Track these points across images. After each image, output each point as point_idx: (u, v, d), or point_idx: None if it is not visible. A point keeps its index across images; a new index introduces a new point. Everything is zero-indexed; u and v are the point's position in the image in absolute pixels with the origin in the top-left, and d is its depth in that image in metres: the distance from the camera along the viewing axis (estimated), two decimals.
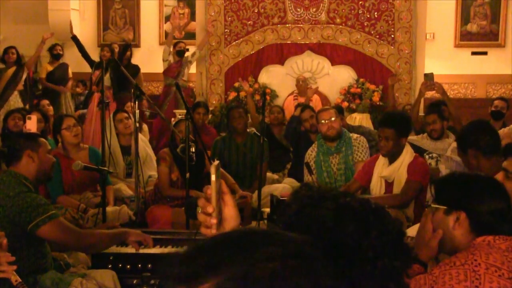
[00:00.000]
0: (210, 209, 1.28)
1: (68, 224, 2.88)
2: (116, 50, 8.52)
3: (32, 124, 5.06)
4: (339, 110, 6.11)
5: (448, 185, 2.04)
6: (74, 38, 8.27)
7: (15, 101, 7.61)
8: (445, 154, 4.78)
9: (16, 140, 3.08)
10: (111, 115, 5.37)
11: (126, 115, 5.37)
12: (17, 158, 2.98)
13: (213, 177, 1.26)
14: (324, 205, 1.15)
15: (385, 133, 3.98)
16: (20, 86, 7.81)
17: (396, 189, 3.98)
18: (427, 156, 4.96)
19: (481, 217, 1.91)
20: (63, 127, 4.62)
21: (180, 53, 8.15)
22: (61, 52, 8.75)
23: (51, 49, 8.71)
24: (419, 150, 4.99)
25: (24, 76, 7.91)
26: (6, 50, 7.91)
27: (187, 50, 8.44)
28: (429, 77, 5.57)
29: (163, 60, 8.23)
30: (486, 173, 3.02)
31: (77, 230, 2.87)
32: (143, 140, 5.63)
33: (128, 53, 8.52)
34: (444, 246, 2.01)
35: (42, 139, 3.15)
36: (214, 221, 1.28)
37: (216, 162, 1.32)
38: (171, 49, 8.26)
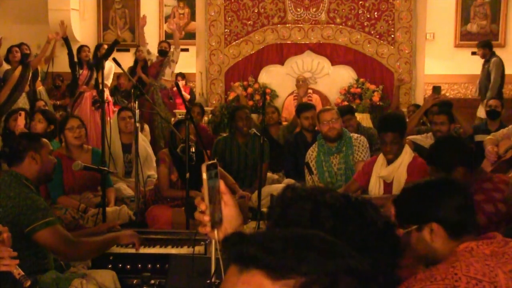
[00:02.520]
0: (203, 207, 1.34)
1: (64, 232, 2.86)
2: (103, 51, 8.47)
3: (21, 120, 5.10)
4: (351, 110, 6.07)
5: (407, 203, 2.00)
6: (66, 39, 8.23)
7: (23, 102, 7.56)
8: None
9: (19, 140, 3.08)
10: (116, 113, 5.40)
11: (130, 114, 5.35)
12: (19, 159, 2.98)
13: (204, 176, 1.31)
14: (302, 205, 1.15)
15: (389, 137, 3.97)
16: (27, 87, 7.77)
17: (396, 189, 3.98)
18: None
19: (451, 219, 1.90)
20: (67, 127, 4.60)
21: (162, 53, 8.13)
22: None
23: None
24: (421, 150, 4.99)
25: (30, 75, 7.85)
26: (10, 49, 7.80)
27: (169, 49, 8.38)
28: (437, 90, 5.63)
29: (147, 60, 8.24)
30: (475, 179, 3.00)
31: (72, 240, 2.84)
32: (144, 140, 5.64)
33: (144, 55, 8.45)
34: (429, 262, 1.94)
35: (44, 140, 3.14)
36: (206, 218, 1.33)
37: (210, 162, 1.35)
38: (148, 48, 8.24)
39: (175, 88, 8.38)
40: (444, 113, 5.08)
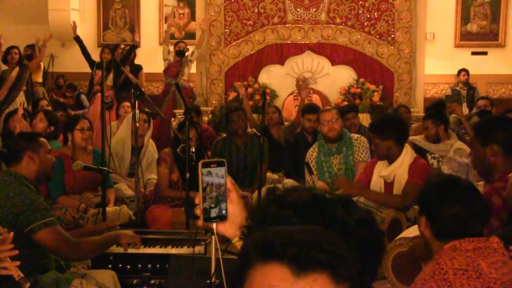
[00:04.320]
0: (197, 200, 1.40)
1: (64, 233, 2.86)
2: (120, 51, 8.53)
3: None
4: (354, 108, 6.06)
5: (424, 187, 2.13)
6: (77, 39, 8.27)
7: (21, 101, 7.56)
8: (448, 155, 4.79)
9: (17, 140, 3.07)
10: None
11: (145, 117, 5.34)
12: (17, 159, 2.98)
13: (199, 172, 1.39)
14: (267, 208, 1.12)
15: (374, 139, 4.01)
16: (24, 87, 7.78)
17: (397, 190, 3.97)
18: (429, 156, 4.95)
19: (440, 222, 1.96)
20: (77, 127, 4.60)
21: (180, 53, 8.14)
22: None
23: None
24: (421, 150, 4.99)
25: (27, 76, 7.87)
26: (9, 50, 7.80)
27: (187, 50, 8.43)
28: (449, 99, 5.73)
29: (164, 59, 8.22)
30: (500, 170, 2.99)
31: (72, 241, 2.85)
32: (153, 145, 5.63)
33: (131, 54, 8.52)
34: (424, 247, 2.09)
35: (42, 139, 3.14)
36: (198, 211, 1.39)
37: (218, 159, 1.42)
38: (170, 48, 8.25)
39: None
40: (429, 118, 5.08)
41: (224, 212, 1.40)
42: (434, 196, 2.01)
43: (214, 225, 1.41)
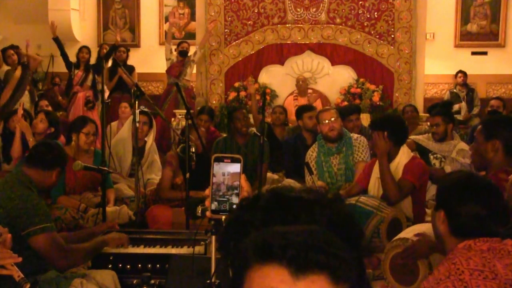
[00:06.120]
0: (207, 192, 1.49)
1: (59, 240, 2.86)
2: (104, 51, 8.54)
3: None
4: (357, 110, 6.04)
5: (442, 183, 2.13)
6: (56, 40, 8.26)
7: (26, 101, 7.56)
8: (450, 155, 4.78)
9: (59, 153, 3.15)
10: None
11: (146, 120, 5.33)
12: (39, 167, 3.01)
13: (211, 165, 1.47)
14: (243, 217, 1.11)
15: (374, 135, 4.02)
16: (28, 86, 7.78)
17: None
18: (431, 157, 4.94)
19: (459, 219, 1.95)
20: (83, 130, 4.60)
21: (183, 53, 8.14)
22: None
23: None
24: (424, 150, 4.98)
25: (31, 76, 7.86)
26: (5, 51, 7.78)
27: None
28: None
29: (166, 59, 8.20)
30: (495, 167, 2.99)
31: (66, 248, 2.85)
32: (153, 147, 5.63)
33: (125, 55, 8.52)
34: (436, 243, 2.10)
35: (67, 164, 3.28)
36: (207, 203, 1.46)
37: (235, 156, 1.52)
38: (172, 47, 8.25)
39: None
40: (439, 114, 5.01)
41: (234, 206, 1.47)
42: (455, 192, 1.99)
43: (223, 218, 1.47)
